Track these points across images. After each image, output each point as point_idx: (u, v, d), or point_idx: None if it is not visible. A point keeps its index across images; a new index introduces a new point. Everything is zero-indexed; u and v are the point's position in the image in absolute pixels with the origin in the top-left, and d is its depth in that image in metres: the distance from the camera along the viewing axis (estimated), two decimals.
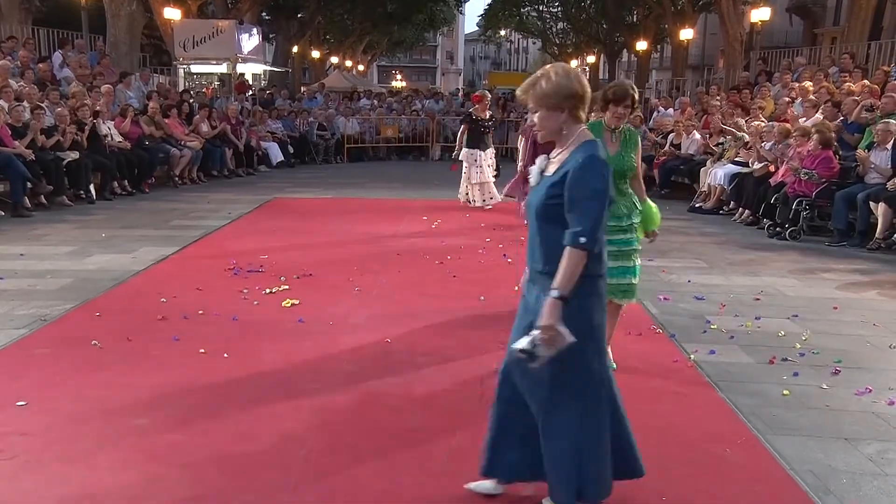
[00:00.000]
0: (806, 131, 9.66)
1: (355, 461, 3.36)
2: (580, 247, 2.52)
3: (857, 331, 5.44)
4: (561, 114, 2.66)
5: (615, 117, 4.22)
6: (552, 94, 2.63)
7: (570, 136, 2.68)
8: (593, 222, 2.53)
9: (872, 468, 3.39)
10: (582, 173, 2.55)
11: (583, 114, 2.68)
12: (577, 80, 2.68)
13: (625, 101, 4.17)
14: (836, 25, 24.25)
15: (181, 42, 17.53)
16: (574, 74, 2.70)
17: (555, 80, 2.64)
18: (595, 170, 2.56)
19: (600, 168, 2.56)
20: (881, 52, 15.06)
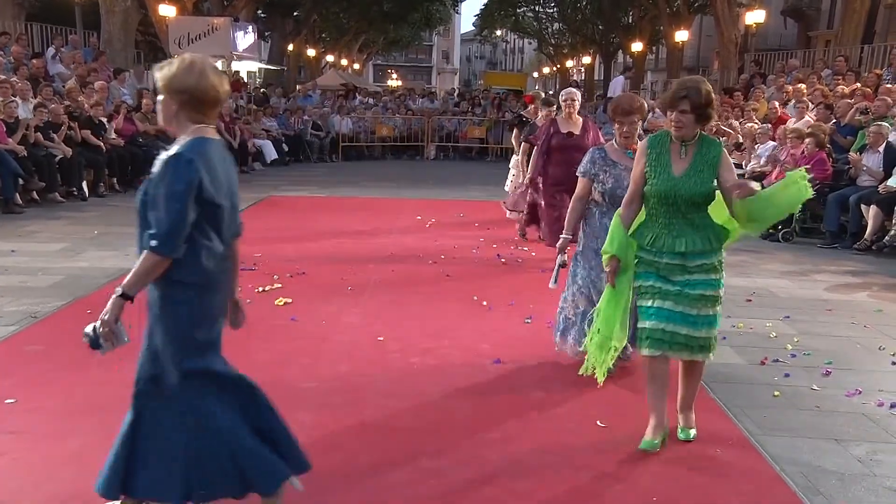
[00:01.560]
0: (800, 133, 9.70)
1: (347, 460, 3.36)
2: (153, 250, 2.37)
3: (848, 332, 5.47)
4: (173, 105, 2.49)
5: (674, 126, 3.38)
6: (168, 82, 2.48)
7: (182, 132, 2.51)
8: (169, 225, 2.36)
9: (861, 469, 3.40)
10: (164, 171, 2.40)
11: (199, 115, 2.49)
12: (201, 77, 2.46)
13: (679, 104, 3.31)
14: (829, 29, 24.37)
15: (176, 39, 17.46)
16: (200, 70, 2.47)
17: (176, 69, 2.47)
18: (178, 169, 2.38)
19: (184, 168, 2.38)
20: (874, 56, 15.13)
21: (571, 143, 6.60)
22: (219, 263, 2.58)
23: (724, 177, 3.38)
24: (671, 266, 3.40)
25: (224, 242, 2.60)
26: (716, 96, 3.68)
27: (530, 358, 4.72)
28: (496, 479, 3.23)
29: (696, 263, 3.39)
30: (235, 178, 2.70)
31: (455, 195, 12.38)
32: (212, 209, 2.46)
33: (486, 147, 20.20)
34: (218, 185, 2.49)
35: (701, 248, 3.39)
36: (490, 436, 3.64)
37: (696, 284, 3.39)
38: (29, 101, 10.71)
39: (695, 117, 3.33)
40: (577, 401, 4.06)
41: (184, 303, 2.50)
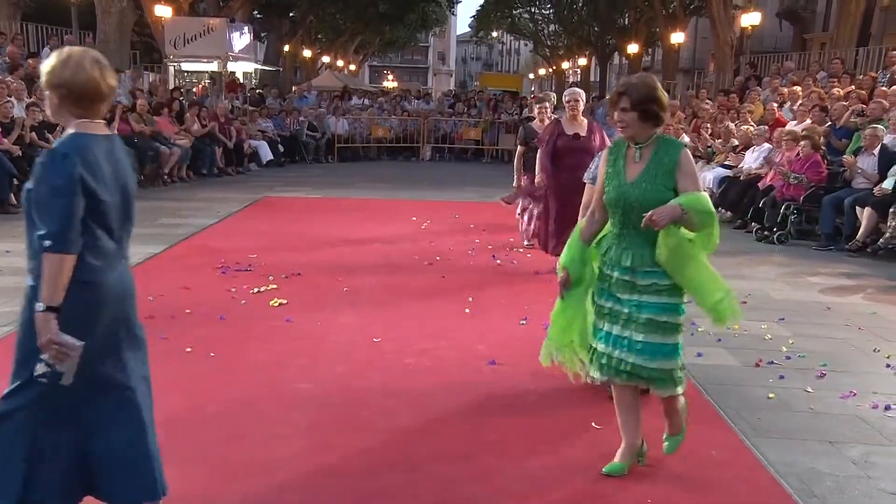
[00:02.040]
0: (795, 136, 9.73)
1: (343, 461, 3.35)
2: (48, 250, 2.31)
3: (843, 335, 5.48)
4: (55, 99, 2.43)
5: (618, 126, 3.15)
6: (47, 77, 2.42)
7: (67, 127, 2.46)
8: (60, 222, 2.29)
9: (856, 471, 3.41)
10: (41, 170, 2.33)
11: (80, 109, 2.42)
12: (78, 70, 2.39)
13: (620, 102, 3.09)
14: (825, 31, 24.44)
15: (172, 40, 17.45)
16: (76, 64, 2.40)
17: (54, 63, 2.41)
18: (54, 165, 2.32)
19: (59, 163, 2.31)
20: (869, 58, 15.17)
21: (579, 146, 6.31)
22: (110, 262, 2.48)
23: (682, 185, 3.06)
24: (621, 282, 3.13)
25: (116, 240, 2.51)
26: (708, 101, 3.54)
27: (526, 359, 4.71)
28: (492, 480, 3.22)
29: (646, 282, 3.08)
30: (129, 175, 2.56)
31: (451, 196, 12.38)
32: (94, 204, 2.37)
33: (481, 148, 20.21)
34: (101, 181, 2.39)
35: (650, 265, 3.06)
36: (486, 437, 3.64)
37: (645, 307, 3.07)
38: (24, 102, 10.68)
39: (638, 115, 3.05)
40: (572, 402, 4.05)
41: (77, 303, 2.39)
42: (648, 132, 3.12)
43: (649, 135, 3.12)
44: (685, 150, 3.16)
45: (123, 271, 2.58)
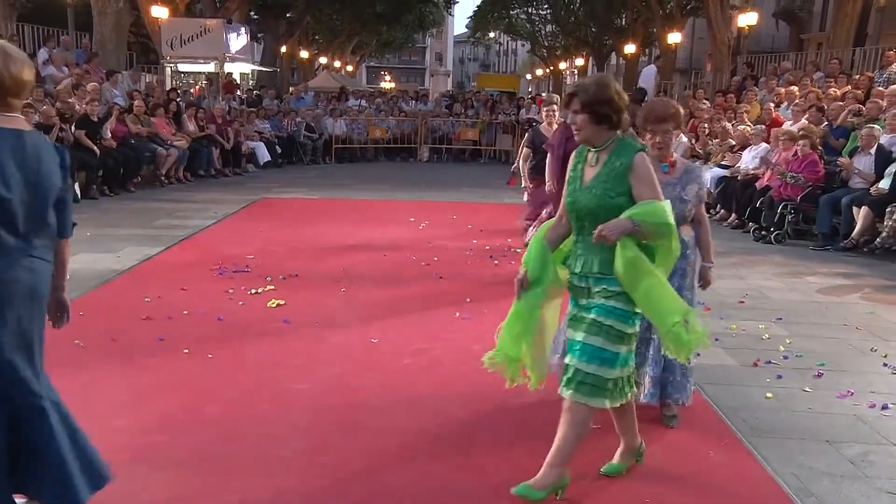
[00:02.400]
0: (792, 135, 9.75)
1: (340, 462, 3.35)
2: None
3: (840, 334, 5.48)
4: None
5: (574, 128, 3.06)
6: None
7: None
8: None
9: (853, 471, 3.41)
10: None
11: None
12: None
13: (571, 103, 3.01)
14: (821, 31, 24.47)
15: (168, 41, 17.43)
16: None
17: None
18: None
19: None
20: (865, 59, 15.20)
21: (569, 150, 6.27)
22: (11, 259, 2.44)
23: (636, 191, 2.92)
24: (577, 288, 3.06)
25: (20, 237, 2.45)
26: (705, 102, 3.51)
27: None
28: (490, 480, 3.22)
29: (597, 288, 2.97)
30: (43, 171, 2.50)
31: (448, 197, 12.38)
32: None
33: (479, 149, 20.21)
34: (4, 176, 2.36)
35: (598, 272, 2.95)
36: (483, 437, 3.64)
37: (594, 308, 2.96)
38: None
39: (588, 117, 2.93)
40: None
41: None
42: (604, 135, 2.98)
43: (606, 137, 2.98)
44: (641, 154, 2.96)
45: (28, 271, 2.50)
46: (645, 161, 2.97)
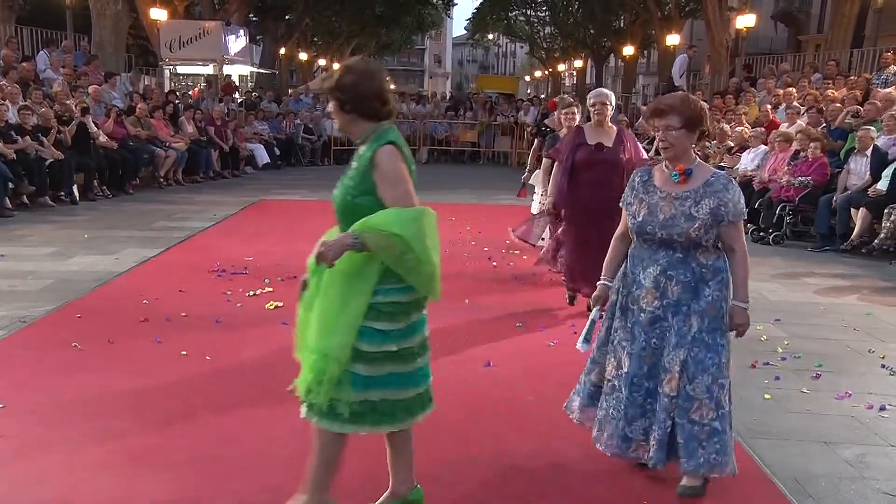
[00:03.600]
0: (788, 137, 9.77)
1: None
2: None
3: (838, 335, 5.49)
4: None
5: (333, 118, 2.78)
6: None
7: None
8: None
9: (851, 472, 3.41)
10: None
11: None
12: None
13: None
14: (819, 33, 24.52)
15: (167, 43, 17.44)
16: None
17: None
18: None
19: None
20: (863, 60, 15.22)
21: (602, 159, 5.33)
22: None
23: (380, 191, 2.60)
24: None
25: None
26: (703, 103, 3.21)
27: (521, 361, 4.72)
28: (488, 482, 3.22)
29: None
30: None
31: (446, 199, 12.36)
32: None
33: (478, 151, 20.22)
34: None
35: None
36: (481, 439, 3.64)
37: None
38: (18, 105, 10.65)
39: (335, 104, 2.66)
40: None
41: None
42: (358, 126, 2.67)
43: (362, 129, 2.67)
44: (385, 147, 2.61)
45: None
46: (391, 155, 2.60)
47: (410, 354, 2.72)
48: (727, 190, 2.98)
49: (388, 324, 2.64)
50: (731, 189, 3.00)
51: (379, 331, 2.63)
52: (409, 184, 2.62)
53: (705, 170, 3.07)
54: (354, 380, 2.61)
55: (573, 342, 5.11)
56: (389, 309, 2.64)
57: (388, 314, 2.64)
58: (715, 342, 2.99)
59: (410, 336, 2.73)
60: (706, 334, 2.98)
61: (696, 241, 2.96)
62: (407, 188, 2.61)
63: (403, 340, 2.69)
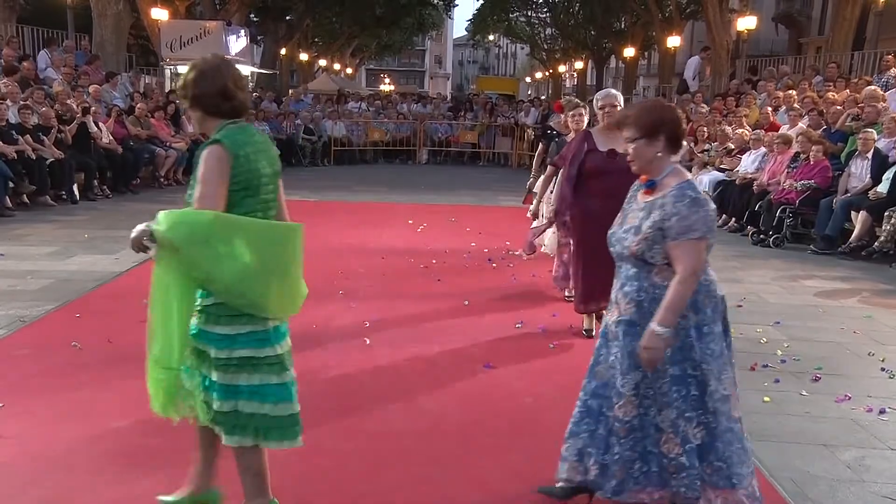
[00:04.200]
0: (787, 139, 9.77)
1: (336, 464, 3.35)
2: None
3: (838, 338, 5.49)
4: None
5: None
6: None
7: None
8: None
9: (850, 475, 3.41)
10: None
11: None
12: None
13: None
14: (820, 35, 24.53)
15: (168, 43, 17.41)
16: None
17: None
18: None
19: None
20: (864, 63, 15.22)
21: (616, 167, 4.55)
22: None
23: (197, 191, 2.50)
24: None
25: None
26: (703, 105, 3.11)
27: (521, 362, 4.72)
28: (487, 484, 3.22)
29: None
30: None
31: (447, 200, 12.39)
32: None
33: (478, 152, 20.23)
34: None
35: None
36: (480, 440, 3.63)
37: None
38: (19, 105, 10.66)
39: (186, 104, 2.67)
40: (567, 405, 4.04)
41: None
42: (207, 124, 2.64)
43: (211, 127, 2.62)
44: (209, 147, 2.53)
45: None
46: (208, 155, 2.51)
47: (279, 364, 2.60)
48: (674, 204, 2.65)
49: (229, 327, 2.53)
50: (681, 203, 2.64)
51: (224, 335, 2.54)
52: (212, 186, 2.47)
53: (673, 180, 2.73)
54: (211, 386, 2.58)
55: (573, 343, 5.13)
56: (216, 311, 2.54)
57: (227, 317, 2.53)
58: (684, 373, 2.70)
59: (271, 343, 2.59)
60: (668, 365, 2.69)
61: (641, 256, 2.71)
62: (206, 191, 2.47)
63: (262, 347, 2.56)
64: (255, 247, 2.48)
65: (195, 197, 2.49)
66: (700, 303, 2.72)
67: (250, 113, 2.63)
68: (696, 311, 2.72)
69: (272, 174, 2.68)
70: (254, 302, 2.52)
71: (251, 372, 2.55)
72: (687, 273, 2.62)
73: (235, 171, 2.50)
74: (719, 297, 2.81)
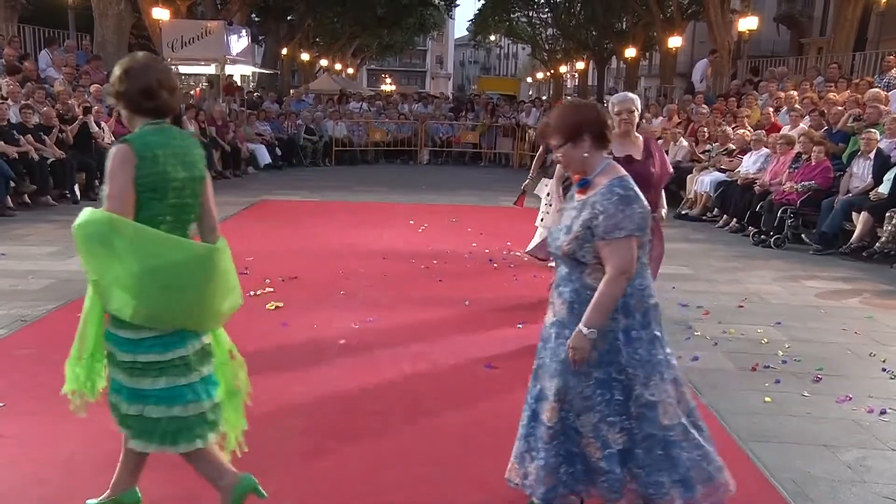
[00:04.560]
0: (789, 140, 9.76)
1: (337, 465, 3.35)
2: None
3: (839, 339, 5.48)
4: None
5: None
6: None
7: None
8: None
9: (851, 475, 3.41)
10: None
11: None
12: None
13: None
14: (822, 36, 24.49)
15: (169, 43, 17.42)
16: None
17: None
18: None
19: None
20: (865, 63, 15.22)
21: (632, 173, 4.33)
22: None
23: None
24: None
25: None
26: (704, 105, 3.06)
27: (522, 363, 4.70)
28: (488, 484, 3.22)
29: None
30: None
31: (448, 200, 12.39)
32: None
33: (479, 152, 20.22)
34: None
35: None
36: (481, 441, 3.63)
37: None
38: (20, 104, 10.67)
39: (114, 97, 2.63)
40: None
41: None
42: (134, 122, 2.62)
43: (137, 125, 2.61)
44: (118, 147, 2.52)
45: None
46: (114, 155, 2.50)
47: (184, 366, 2.61)
48: (602, 201, 2.60)
49: (132, 331, 2.53)
50: (608, 201, 2.59)
51: (128, 339, 2.55)
52: (117, 186, 2.46)
53: (605, 178, 2.67)
54: (120, 390, 2.62)
55: None
56: None
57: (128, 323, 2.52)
58: (609, 377, 2.64)
59: (176, 346, 2.59)
60: (594, 368, 2.64)
61: (573, 256, 2.65)
62: (112, 190, 2.47)
63: (166, 351, 2.57)
64: (142, 257, 2.46)
65: (103, 195, 2.49)
66: (631, 306, 2.65)
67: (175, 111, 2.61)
68: (626, 314, 2.65)
69: (188, 179, 2.61)
70: (140, 312, 2.49)
71: (156, 376, 2.56)
72: (615, 272, 2.56)
73: (141, 172, 2.47)
74: (651, 304, 2.72)
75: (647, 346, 2.67)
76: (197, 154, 2.68)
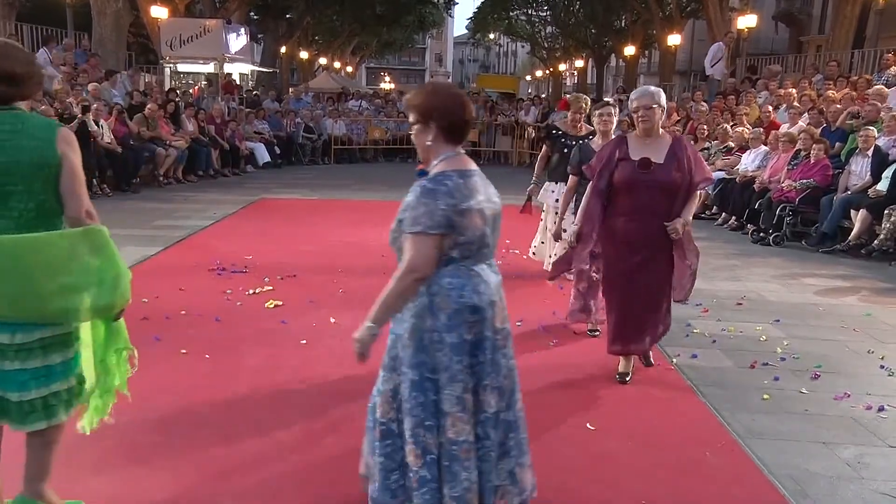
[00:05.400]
0: (792, 138, 9.76)
1: (336, 464, 3.35)
2: None
3: (837, 336, 5.49)
4: None
5: None
6: None
7: None
8: None
9: (850, 472, 3.42)
10: None
11: None
12: None
13: None
14: (821, 34, 24.52)
15: (168, 41, 17.42)
16: None
17: None
18: None
19: None
20: (864, 61, 15.22)
21: (648, 179, 4.03)
22: None
23: None
24: None
25: None
26: (703, 103, 3.06)
27: (521, 360, 4.70)
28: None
29: None
30: None
31: None
32: None
33: (478, 150, 20.21)
34: None
35: None
36: None
37: None
38: None
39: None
40: (567, 403, 4.06)
41: None
42: None
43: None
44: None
45: None
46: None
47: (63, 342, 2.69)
48: (412, 194, 2.50)
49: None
50: (414, 193, 2.49)
51: None
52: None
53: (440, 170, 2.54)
54: None
55: (572, 343, 5.14)
56: None
57: None
58: (422, 378, 2.50)
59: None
60: (407, 369, 2.53)
61: (394, 248, 2.56)
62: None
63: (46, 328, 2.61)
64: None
65: None
66: (435, 307, 2.48)
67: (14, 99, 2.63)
68: (432, 314, 2.49)
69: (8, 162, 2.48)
70: None
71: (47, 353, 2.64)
72: (403, 268, 2.42)
73: None
74: (464, 307, 2.48)
75: (448, 352, 2.47)
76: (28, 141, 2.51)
